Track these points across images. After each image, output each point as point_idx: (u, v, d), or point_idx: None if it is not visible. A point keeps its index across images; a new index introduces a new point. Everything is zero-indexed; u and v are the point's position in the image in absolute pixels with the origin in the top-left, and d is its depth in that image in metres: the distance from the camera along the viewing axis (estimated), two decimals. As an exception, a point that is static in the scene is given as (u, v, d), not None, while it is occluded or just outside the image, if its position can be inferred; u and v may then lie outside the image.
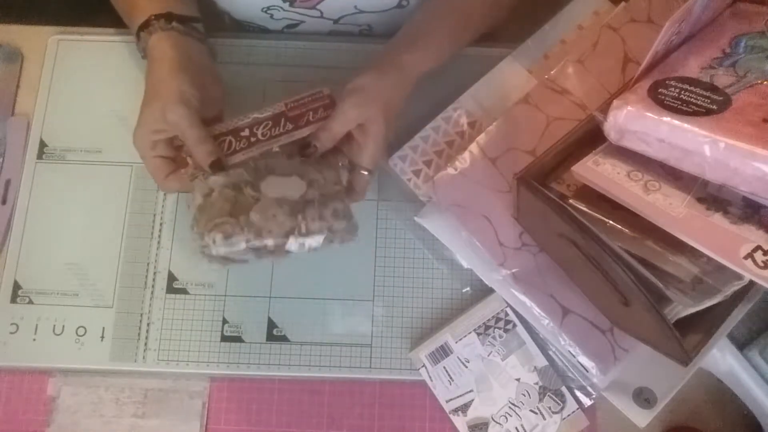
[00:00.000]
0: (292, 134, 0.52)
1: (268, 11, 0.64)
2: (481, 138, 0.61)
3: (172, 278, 0.62)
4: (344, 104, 0.51)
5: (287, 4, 0.62)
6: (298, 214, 0.47)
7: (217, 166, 0.49)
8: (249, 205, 0.47)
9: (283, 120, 0.52)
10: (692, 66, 0.45)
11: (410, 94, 0.56)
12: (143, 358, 0.60)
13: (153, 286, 0.62)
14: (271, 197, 0.48)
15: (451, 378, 0.59)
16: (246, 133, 0.51)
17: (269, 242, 0.46)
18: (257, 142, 0.51)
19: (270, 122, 0.52)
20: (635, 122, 0.43)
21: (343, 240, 0.49)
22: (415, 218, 0.62)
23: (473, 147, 0.61)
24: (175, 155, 0.52)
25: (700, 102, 0.41)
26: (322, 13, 0.64)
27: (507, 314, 0.61)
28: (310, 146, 0.51)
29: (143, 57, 0.55)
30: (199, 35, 0.56)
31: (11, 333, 0.61)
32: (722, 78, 0.43)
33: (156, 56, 0.52)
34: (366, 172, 0.54)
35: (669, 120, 0.41)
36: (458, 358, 0.60)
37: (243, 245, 0.46)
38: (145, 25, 0.54)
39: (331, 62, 0.68)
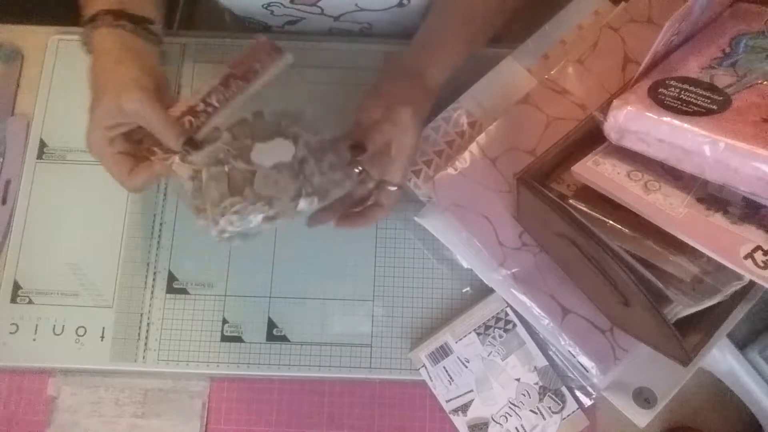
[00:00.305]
0: (246, 89, 0.51)
1: (269, 7, 0.64)
2: (481, 138, 0.61)
3: (172, 278, 0.62)
4: (403, 114, 0.51)
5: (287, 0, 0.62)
6: (299, 175, 0.48)
7: (191, 145, 0.48)
8: (244, 178, 0.47)
9: (231, 80, 0.51)
10: (692, 66, 0.45)
11: None
12: (143, 358, 0.60)
13: (153, 286, 0.62)
14: (267, 165, 0.48)
15: (451, 378, 0.59)
16: (201, 107, 0.50)
17: (280, 209, 0.47)
18: (215, 110, 0.50)
19: (221, 87, 0.51)
20: (635, 122, 0.43)
21: (351, 182, 0.51)
22: (415, 218, 0.62)
23: (473, 147, 0.61)
24: (133, 150, 0.50)
25: (700, 102, 0.41)
26: (322, 10, 0.64)
27: (507, 314, 0.61)
28: (360, 147, 0.51)
29: (87, 52, 0.52)
30: (151, 37, 0.53)
31: (11, 333, 0.61)
32: (722, 78, 0.43)
33: (100, 51, 0.50)
34: (395, 188, 0.53)
35: (669, 120, 0.41)
36: (458, 358, 0.60)
37: (259, 218, 0.47)
38: (91, 19, 0.51)
39: (330, 62, 0.68)
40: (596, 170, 0.45)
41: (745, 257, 0.39)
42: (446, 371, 0.60)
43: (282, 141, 0.49)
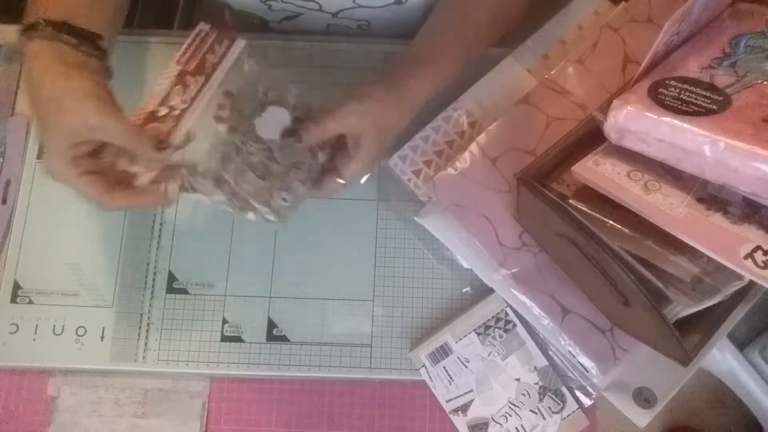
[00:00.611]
0: (209, 85, 0.49)
1: (267, 2, 0.64)
2: (481, 138, 0.61)
3: (172, 278, 0.62)
4: (346, 107, 0.50)
5: None
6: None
7: (164, 146, 0.45)
8: (266, 157, 0.48)
9: (188, 78, 0.49)
10: (692, 66, 0.45)
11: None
12: (143, 358, 0.60)
13: (153, 286, 0.62)
14: (275, 136, 0.49)
15: (451, 378, 0.59)
16: (164, 111, 0.47)
17: (308, 167, 0.49)
18: (182, 111, 0.48)
19: (179, 87, 0.48)
20: (635, 122, 0.43)
21: None
22: (415, 218, 0.62)
23: (473, 147, 0.61)
24: (99, 168, 0.46)
25: (700, 102, 0.41)
26: (320, 6, 0.64)
27: (507, 314, 0.61)
28: (296, 134, 0.49)
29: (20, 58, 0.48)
30: (95, 53, 0.48)
31: (11, 333, 0.61)
32: (722, 78, 0.43)
33: (38, 66, 0.45)
34: (342, 182, 0.53)
35: (669, 120, 0.41)
36: (458, 358, 0.60)
37: (302, 188, 0.49)
38: (30, 27, 0.46)
39: (329, 62, 0.68)
40: (596, 170, 0.45)
41: (745, 257, 0.39)
42: (446, 371, 0.60)
43: (273, 108, 0.49)
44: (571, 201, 0.48)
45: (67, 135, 0.43)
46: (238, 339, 0.61)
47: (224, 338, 0.61)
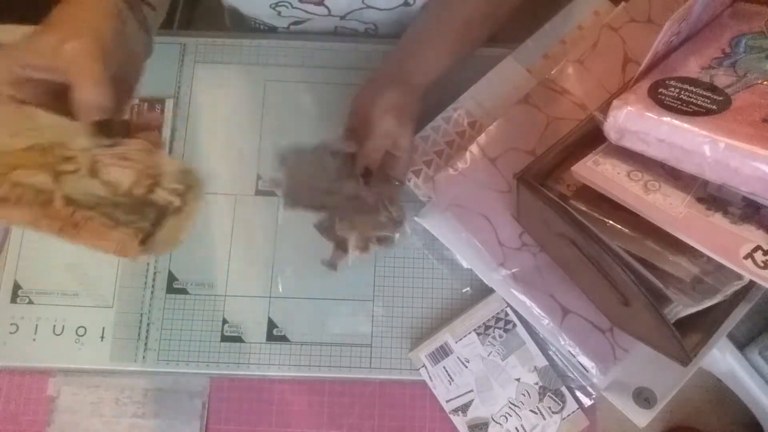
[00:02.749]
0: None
1: (277, 7, 0.64)
2: (481, 138, 0.61)
3: (172, 278, 0.62)
4: (386, 123, 0.52)
5: None
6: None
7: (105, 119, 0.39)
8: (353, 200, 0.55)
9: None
10: (692, 66, 0.45)
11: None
12: (143, 358, 0.60)
13: (153, 286, 0.62)
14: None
15: (451, 378, 0.59)
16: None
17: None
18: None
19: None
20: (635, 122, 0.43)
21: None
22: (415, 218, 0.62)
23: (473, 147, 0.61)
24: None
25: (700, 102, 0.41)
26: (329, 10, 0.64)
27: (507, 314, 0.61)
28: (368, 173, 0.55)
29: None
30: (139, 16, 0.46)
31: (11, 333, 0.61)
32: (722, 78, 0.43)
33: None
34: (398, 183, 0.57)
35: (669, 120, 0.41)
36: (458, 358, 0.60)
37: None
38: None
39: (333, 62, 0.68)
40: (596, 170, 0.45)
41: (745, 257, 0.39)
42: (446, 371, 0.60)
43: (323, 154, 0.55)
44: (571, 201, 0.48)
45: (33, 45, 0.38)
46: (238, 339, 0.61)
47: (224, 338, 0.61)
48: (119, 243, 0.39)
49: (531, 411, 0.59)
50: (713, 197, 0.43)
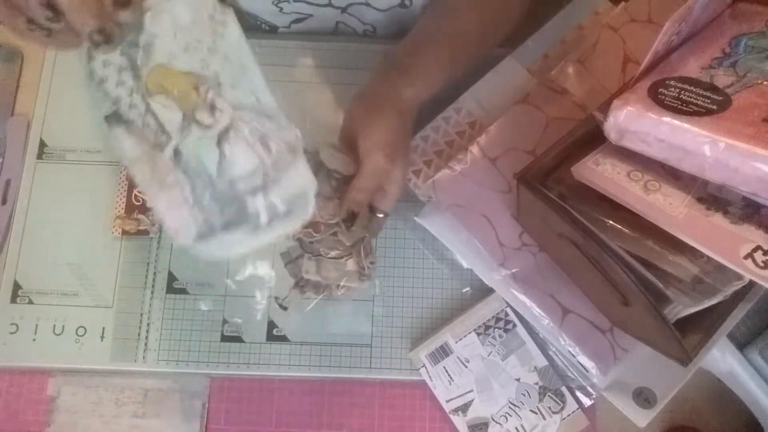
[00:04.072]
0: None
1: (279, 4, 0.64)
2: (481, 138, 0.61)
3: (172, 278, 0.62)
4: (374, 161, 0.49)
5: None
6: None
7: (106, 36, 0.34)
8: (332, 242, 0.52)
9: None
10: (692, 66, 0.45)
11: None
12: (143, 358, 0.60)
13: (153, 286, 0.62)
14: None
15: (451, 378, 0.59)
16: None
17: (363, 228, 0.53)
18: None
19: None
20: (635, 122, 0.43)
21: None
22: (415, 218, 0.62)
23: (473, 147, 0.61)
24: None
25: (700, 102, 0.41)
26: (330, 1, 0.64)
27: (507, 314, 0.61)
28: (352, 217, 0.50)
29: None
30: None
31: (11, 333, 0.61)
32: (722, 78, 0.43)
33: None
34: (382, 215, 0.54)
35: (669, 120, 0.41)
36: (458, 358, 0.60)
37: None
38: None
39: (332, 62, 0.68)
40: (596, 170, 0.45)
41: (745, 257, 0.39)
42: (446, 371, 0.60)
43: (344, 158, 0.51)
44: (571, 201, 0.48)
45: None
46: (238, 339, 0.61)
47: (224, 338, 0.61)
48: None
49: (531, 411, 0.59)
50: (713, 197, 0.43)
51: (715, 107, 0.41)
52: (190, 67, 0.38)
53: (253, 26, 0.72)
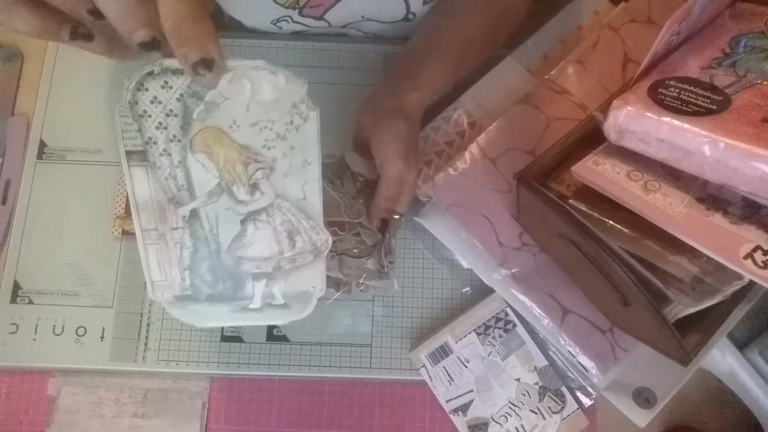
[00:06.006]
0: None
1: (278, 23, 0.64)
2: (481, 138, 0.61)
3: (172, 278, 0.62)
4: (395, 168, 0.50)
5: (296, 13, 0.61)
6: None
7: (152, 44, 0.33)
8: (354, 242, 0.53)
9: None
10: (692, 66, 0.45)
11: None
12: (143, 358, 0.60)
13: (153, 286, 0.62)
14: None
15: (451, 378, 0.59)
16: None
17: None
18: None
19: None
20: (635, 122, 0.43)
21: None
22: (415, 218, 0.62)
23: (473, 147, 0.61)
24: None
25: (700, 102, 0.41)
26: (329, 23, 0.64)
27: (507, 314, 0.61)
28: (385, 223, 0.52)
29: None
30: None
31: (11, 333, 0.61)
32: (722, 78, 0.43)
33: None
34: (399, 216, 0.54)
35: (669, 120, 0.41)
36: (458, 358, 0.60)
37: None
38: None
39: (334, 62, 0.68)
40: (596, 170, 0.45)
41: (745, 257, 0.39)
42: (446, 371, 0.60)
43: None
44: (571, 201, 0.48)
45: None
46: (238, 339, 0.61)
47: (224, 338, 0.61)
48: None
49: (531, 411, 0.59)
50: (713, 197, 0.43)
51: (714, 107, 0.41)
52: (250, 142, 0.37)
53: (251, 31, 0.72)
